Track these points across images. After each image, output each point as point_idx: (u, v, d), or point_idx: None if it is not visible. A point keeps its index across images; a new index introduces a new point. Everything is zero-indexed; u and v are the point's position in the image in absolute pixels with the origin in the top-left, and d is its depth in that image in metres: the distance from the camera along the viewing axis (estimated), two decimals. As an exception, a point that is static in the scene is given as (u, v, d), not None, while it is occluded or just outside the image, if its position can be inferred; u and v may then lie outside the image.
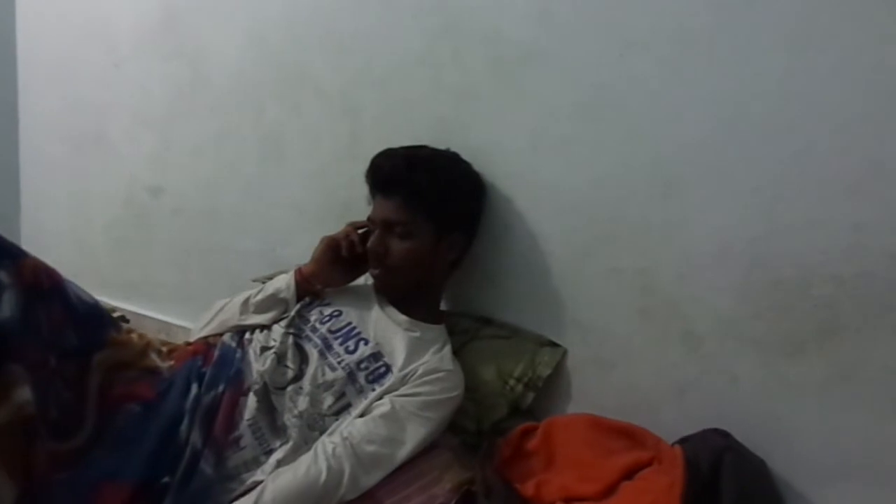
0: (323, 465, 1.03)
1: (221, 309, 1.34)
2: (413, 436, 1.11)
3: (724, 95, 1.13)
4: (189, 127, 1.95)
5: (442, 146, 1.34)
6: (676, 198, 1.19)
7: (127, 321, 1.87)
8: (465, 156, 1.34)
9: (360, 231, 1.32)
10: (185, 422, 1.07)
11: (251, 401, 1.13)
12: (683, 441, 1.10)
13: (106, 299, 1.82)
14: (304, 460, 1.05)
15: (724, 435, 1.08)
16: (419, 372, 1.17)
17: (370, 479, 1.06)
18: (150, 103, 2.02)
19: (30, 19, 2.38)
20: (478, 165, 1.35)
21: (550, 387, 1.31)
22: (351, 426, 1.09)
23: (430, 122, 1.45)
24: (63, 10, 2.25)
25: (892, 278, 1.02)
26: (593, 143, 1.27)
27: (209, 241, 1.95)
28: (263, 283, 1.43)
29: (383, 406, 1.11)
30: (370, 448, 1.07)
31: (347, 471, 1.04)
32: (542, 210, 1.34)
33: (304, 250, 1.48)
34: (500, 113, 1.37)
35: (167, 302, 2.06)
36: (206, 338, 1.29)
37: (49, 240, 2.29)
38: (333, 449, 1.05)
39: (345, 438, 1.07)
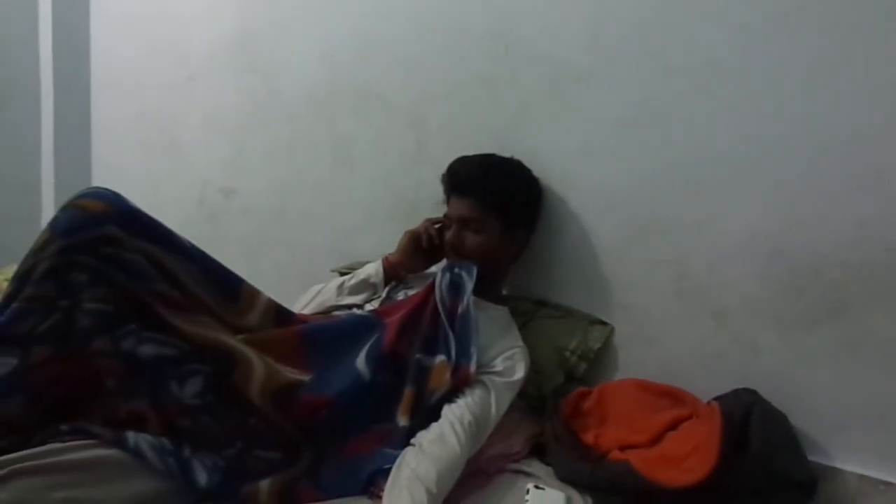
0: (456, 436, 1.14)
1: (319, 292, 1.52)
2: (503, 402, 1.26)
3: (749, 112, 1.25)
4: (261, 136, 2.06)
5: (502, 154, 1.46)
6: (707, 198, 1.32)
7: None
8: (523, 162, 1.47)
9: (436, 226, 1.48)
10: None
11: None
12: (718, 399, 1.23)
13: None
14: (439, 434, 1.14)
15: (753, 393, 1.21)
16: (498, 351, 1.32)
17: (480, 440, 1.20)
18: (222, 113, 2.14)
19: (104, 34, 2.48)
20: (535, 170, 1.48)
21: (600, 359, 1.45)
22: (465, 398, 1.22)
23: (490, 133, 1.57)
24: (136, 24, 2.35)
25: (891, 265, 1.15)
26: (636, 152, 1.40)
27: (279, 237, 2.05)
28: (341, 273, 1.60)
29: (480, 383, 1.25)
30: (478, 414, 1.20)
31: (469, 435, 1.16)
32: (591, 208, 1.47)
33: (373, 246, 1.62)
34: (554, 125, 1.49)
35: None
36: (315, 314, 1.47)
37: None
38: (460, 421, 1.17)
39: (461, 408, 1.19)
